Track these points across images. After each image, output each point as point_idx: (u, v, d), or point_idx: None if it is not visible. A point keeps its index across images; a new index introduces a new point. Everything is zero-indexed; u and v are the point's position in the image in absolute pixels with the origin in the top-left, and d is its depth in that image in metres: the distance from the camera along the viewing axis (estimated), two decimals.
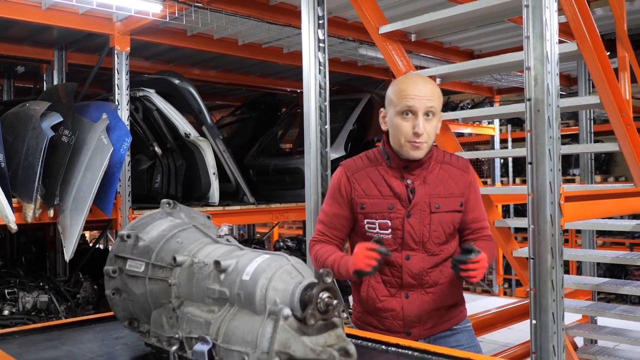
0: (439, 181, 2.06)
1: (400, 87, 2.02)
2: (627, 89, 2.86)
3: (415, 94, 1.98)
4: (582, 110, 5.09)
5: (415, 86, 2.00)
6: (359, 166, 2.13)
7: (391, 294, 2.08)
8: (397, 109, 2.00)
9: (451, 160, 2.12)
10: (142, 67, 5.76)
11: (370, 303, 2.11)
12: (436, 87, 2.06)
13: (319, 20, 2.91)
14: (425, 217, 2.03)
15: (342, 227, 2.15)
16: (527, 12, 2.10)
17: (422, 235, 2.03)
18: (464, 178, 2.10)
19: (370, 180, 2.09)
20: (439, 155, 2.12)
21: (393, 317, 2.08)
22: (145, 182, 4.82)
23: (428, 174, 2.07)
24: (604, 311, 3.96)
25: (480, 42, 5.61)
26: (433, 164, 2.09)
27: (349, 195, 2.11)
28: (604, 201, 2.47)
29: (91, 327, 2.10)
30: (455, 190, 2.07)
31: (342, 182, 2.12)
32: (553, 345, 2.05)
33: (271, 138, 6.52)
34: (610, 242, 10.00)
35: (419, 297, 2.06)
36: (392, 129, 2.05)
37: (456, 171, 2.10)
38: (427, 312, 2.06)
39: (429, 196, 2.04)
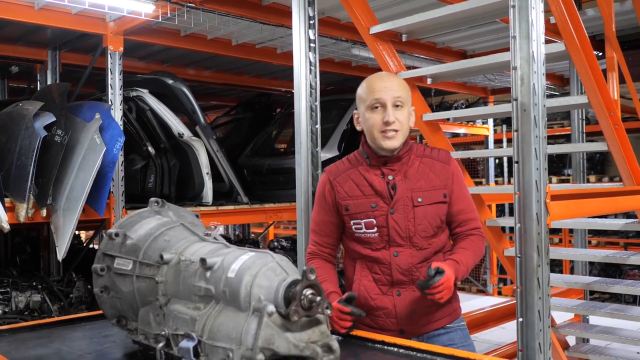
0: (420, 175, 2.09)
1: (367, 84, 2.11)
2: (616, 89, 2.88)
3: (381, 87, 2.06)
4: (574, 111, 5.12)
5: (380, 81, 2.09)
6: (340, 169, 2.18)
7: (383, 292, 2.10)
8: (367, 104, 2.08)
9: (432, 154, 2.15)
10: (136, 67, 5.77)
11: (362, 302, 2.12)
12: (402, 81, 2.15)
13: (310, 20, 2.92)
14: (408, 211, 2.05)
15: (332, 233, 2.20)
16: (513, 12, 2.12)
17: (408, 230, 2.05)
18: (446, 170, 2.12)
19: (352, 182, 2.13)
20: (419, 150, 2.15)
21: (386, 315, 2.10)
22: (139, 182, 4.83)
23: (408, 168, 2.09)
24: (594, 310, 3.98)
25: (473, 43, 5.63)
26: (413, 158, 2.11)
27: (333, 199, 2.16)
28: (590, 200, 2.49)
29: (80, 325, 2.11)
30: (437, 182, 2.09)
31: (326, 188, 2.18)
32: (539, 343, 2.07)
33: (265, 138, 6.53)
34: (605, 241, 10.03)
35: (410, 294, 2.07)
36: (365, 126, 2.12)
37: (437, 163, 2.12)
38: (419, 310, 2.08)
39: (411, 190, 2.06)
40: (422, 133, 3.30)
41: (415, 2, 4.20)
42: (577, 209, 2.39)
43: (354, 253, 2.16)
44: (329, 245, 2.21)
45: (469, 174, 10.05)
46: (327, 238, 2.21)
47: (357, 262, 2.15)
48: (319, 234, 2.22)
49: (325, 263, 2.21)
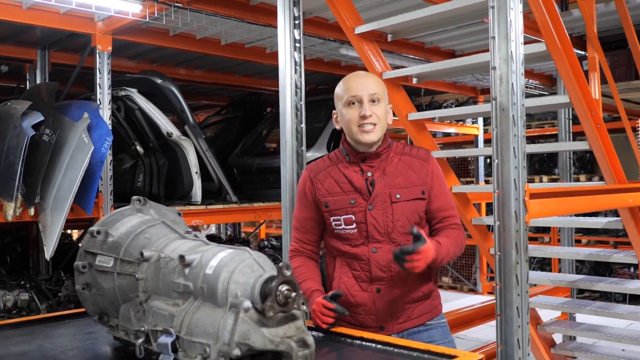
0: (398, 172, 2.12)
1: (343, 83, 2.16)
2: (597, 88, 2.91)
3: (357, 85, 2.11)
4: (561, 111, 5.16)
5: (356, 78, 2.15)
6: (321, 167, 2.21)
7: (363, 288, 2.12)
8: (344, 101, 2.12)
9: (411, 152, 2.17)
10: (126, 67, 5.77)
11: (343, 299, 2.14)
12: (378, 79, 2.22)
13: (295, 20, 2.95)
14: (387, 207, 2.07)
15: (313, 229, 2.23)
16: (492, 13, 2.15)
17: (386, 226, 2.07)
18: (425, 167, 2.14)
19: (332, 179, 2.16)
20: (398, 148, 2.18)
21: (365, 312, 2.12)
22: (128, 181, 4.84)
23: (387, 165, 2.12)
24: (580, 307, 4.02)
25: (462, 43, 5.66)
26: (392, 155, 2.14)
27: (313, 196, 2.19)
28: (569, 198, 2.52)
29: (64, 323, 2.13)
30: (415, 180, 2.11)
31: (307, 185, 2.21)
32: (517, 339, 2.10)
33: (255, 137, 6.54)
34: (595, 240, 10.11)
35: (390, 291, 2.09)
36: (343, 122, 2.15)
37: (416, 161, 2.15)
38: (398, 307, 2.10)
39: (389, 187, 2.09)
40: (408, 132, 3.32)
41: (402, 2, 4.22)
42: (556, 207, 2.42)
43: (334, 250, 2.19)
44: (311, 242, 2.24)
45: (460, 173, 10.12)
46: (309, 235, 2.23)
47: (337, 259, 2.18)
48: (301, 231, 2.25)
49: (308, 260, 2.23)
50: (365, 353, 1.74)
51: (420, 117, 3.22)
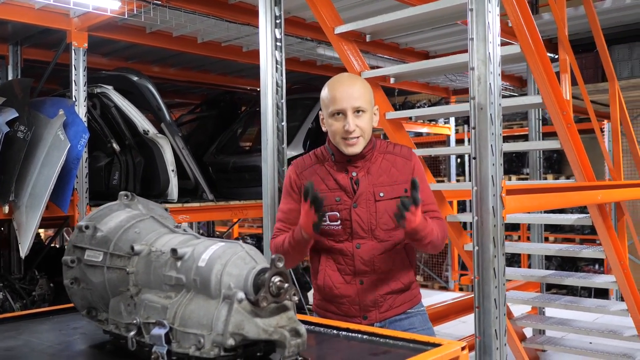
0: (382, 171, 2.17)
1: (329, 90, 2.16)
2: (568, 90, 3.02)
3: (341, 96, 2.10)
4: (531, 111, 5.30)
5: (341, 88, 2.13)
6: (307, 164, 2.27)
7: (346, 281, 2.19)
8: (329, 111, 2.14)
9: (394, 150, 2.23)
10: (100, 64, 5.72)
11: (327, 291, 2.22)
12: (363, 85, 2.18)
13: (276, 19, 2.99)
14: (370, 206, 2.14)
15: (297, 220, 2.22)
16: (471, 15, 2.22)
17: (370, 223, 2.14)
18: (407, 165, 2.19)
19: (318, 177, 2.21)
20: (382, 146, 2.23)
21: (349, 302, 2.19)
22: (103, 179, 4.81)
23: (371, 165, 2.17)
24: (550, 302, 4.15)
25: (436, 44, 5.77)
26: (376, 154, 2.19)
27: (299, 190, 2.23)
28: (543, 195, 2.62)
29: (48, 319, 2.13)
30: (398, 178, 2.17)
31: (292, 179, 2.27)
32: (495, 330, 2.18)
33: (231, 136, 6.55)
34: (562, 237, 10.36)
35: (372, 282, 2.17)
36: (328, 130, 2.19)
37: (399, 159, 2.20)
38: (381, 297, 2.18)
39: (373, 186, 2.15)
40: (386, 131, 3.39)
41: (379, 3, 4.29)
42: (531, 203, 2.51)
43: (318, 245, 2.24)
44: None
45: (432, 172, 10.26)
46: (293, 225, 2.25)
47: (321, 254, 2.24)
48: (285, 222, 2.27)
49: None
50: (351, 344, 1.78)
51: (397, 116, 3.29)
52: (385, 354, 1.63)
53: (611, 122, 3.80)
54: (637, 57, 4.73)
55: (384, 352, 1.65)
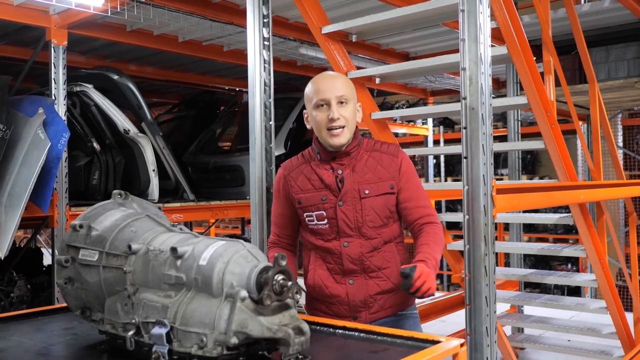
0: (368, 169, 2.18)
1: (313, 85, 2.21)
2: (552, 91, 3.07)
3: (325, 87, 2.16)
4: (510, 113, 5.37)
5: (324, 80, 2.19)
6: (294, 165, 2.29)
7: (336, 280, 2.20)
8: (312, 103, 2.17)
9: (381, 148, 2.24)
10: (77, 62, 5.62)
11: (317, 290, 2.23)
12: (346, 80, 2.24)
13: (264, 18, 2.98)
14: (356, 203, 2.15)
15: (288, 225, 2.32)
16: (462, 16, 2.24)
17: (356, 221, 2.15)
18: (394, 162, 2.20)
19: (304, 176, 2.23)
20: (369, 145, 2.24)
21: (339, 302, 2.20)
22: (83, 179, 4.74)
23: (357, 162, 2.19)
24: (530, 300, 4.21)
25: (416, 45, 5.81)
26: (362, 152, 2.20)
27: (287, 193, 2.27)
28: (531, 194, 2.66)
29: (37, 320, 2.09)
30: (384, 175, 2.18)
31: (281, 183, 2.30)
32: (486, 327, 2.20)
33: (210, 136, 6.51)
34: (536, 237, 10.54)
35: (362, 282, 2.18)
36: (313, 124, 2.21)
37: (385, 156, 2.21)
38: (371, 297, 2.18)
39: (358, 183, 2.16)
40: (371, 131, 3.41)
41: (363, 4, 4.32)
42: (519, 202, 2.55)
43: (309, 244, 2.27)
44: (287, 236, 2.34)
45: None
46: (285, 230, 2.33)
47: (312, 253, 2.26)
48: (278, 226, 2.34)
49: (284, 250, 2.31)
50: (348, 342, 1.79)
51: (383, 116, 3.31)
52: (385, 352, 1.64)
53: (591, 123, 3.88)
54: (614, 60, 4.84)
55: (383, 349, 1.66)
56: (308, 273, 2.27)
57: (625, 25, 4.77)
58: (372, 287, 2.18)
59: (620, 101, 5.90)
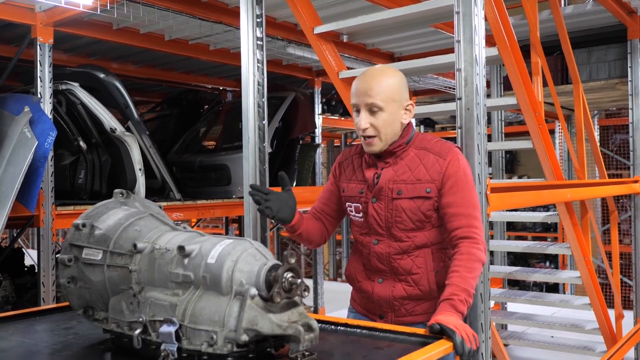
0: (408, 167, 2.06)
1: (354, 82, 2.10)
2: (540, 91, 3.13)
3: (358, 91, 2.05)
4: (495, 113, 5.45)
5: (359, 82, 2.06)
6: (350, 153, 2.27)
7: (367, 276, 2.18)
8: (351, 104, 2.10)
9: (432, 146, 2.08)
10: (60, 60, 5.56)
11: (351, 281, 2.27)
12: (383, 82, 2.03)
13: (257, 18, 2.99)
14: (388, 202, 2.07)
15: (329, 201, 2.30)
16: (458, 18, 2.28)
17: (387, 220, 2.08)
18: (439, 163, 2.03)
19: (353, 167, 2.22)
20: (422, 141, 2.10)
21: (367, 298, 2.19)
22: (68, 178, 4.69)
23: (401, 160, 2.08)
24: (515, 297, 4.28)
25: (401, 45, 5.86)
26: (410, 150, 2.08)
27: (337, 177, 2.28)
28: (523, 192, 2.71)
29: (36, 320, 2.08)
30: (424, 177, 2.04)
31: (336, 166, 2.29)
32: (481, 323, 2.24)
33: (194, 135, 6.49)
34: (515, 236, 10.70)
35: (391, 283, 2.11)
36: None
37: (431, 156, 2.05)
38: (396, 300, 2.11)
39: (393, 182, 2.06)
40: None
41: (353, 4, 4.35)
42: (511, 201, 2.60)
43: (353, 233, 2.27)
44: (322, 212, 2.31)
45: None
46: (324, 205, 2.31)
47: (355, 244, 2.26)
48: (320, 201, 2.33)
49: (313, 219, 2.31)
50: (351, 338, 1.81)
51: None
52: (389, 348, 1.67)
53: (575, 123, 3.96)
54: (595, 61, 4.93)
55: (387, 345, 1.69)
56: (348, 262, 2.28)
57: (607, 27, 4.87)
58: (399, 290, 2.10)
59: (600, 102, 6.02)
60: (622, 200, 7.94)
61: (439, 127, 11.60)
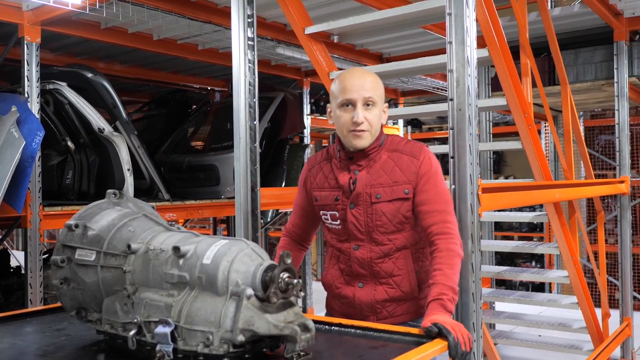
0: (384, 170, 2.07)
1: (339, 81, 2.09)
2: (529, 92, 3.16)
3: (352, 86, 2.04)
4: (483, 114, 5.48)
5: (352, 79, 2.06)
6: (317, 160, 2.25)
7: (346, 282, 2.17)
8: (338, 101, 2.07)
9: (404, 147, 2.10)
10: (46, 60, 5.52)
11: (328, 288, 2.25)
12: (375, 79, 2.10)
13: (248, 18, 2.98)
14: (367, 207, 2.07)
15: (302, 217, 2.32)
16: (450, 19, 2.29)
17: (367, 225, 2.08)
18: (413, 164, 2.06)
19: (323, 174, 2.19)
20: (392, 143, 2.12)
21: (348, 304, 2.18)
22: (56, 178, 4.65)
23: (374, 164, 2.09)
24: (503, 297, 4.31)
25: (389, 46, 5.88)
26: (382, 153, 2.10)
27: (307, 188, 2.25)
28: (512, 193, 2.73)
29: (26, 321, 2.06)
30: (400, 178, 2.06)
31: (304, 176, 2.27)
32: (473, 322, 2.26)
33: (183, 135, 6.46)
34: (501, 235, 10.77)
35: (372, 287, 2.12)
36: (335, 122, 2.12)
37: (405, 157, 2.07)
38: (378, 303, 2.11)
39: (370, 187, 2.07)
40: None
41: (341, 5, 4.35)
42: (501, 201, 2.62)
43: (328, 240, 2.25)
44: (299, 227, 2.34)
45: None
46: (299, 221, 2.33)
47: (329, 250, 2.24)
48: (295, 216, 2.34)
49: (291, 242, 2.34)
50: (345, 339, 1.82)
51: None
52: (384, 347, 1.68)
53: (563, 124, 4.00)
54: (582, 63, 4.98)
55: (382, 345, 1.70)
56: (324, 270, 2.27)
57: (594, 29, 4.92)
58: (381, 293, 2.11)
59: (586, 103, 6.08)
60: (607, 200, 8.02)
61: (426, 127, 11.65)
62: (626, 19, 4.74)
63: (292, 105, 6.00)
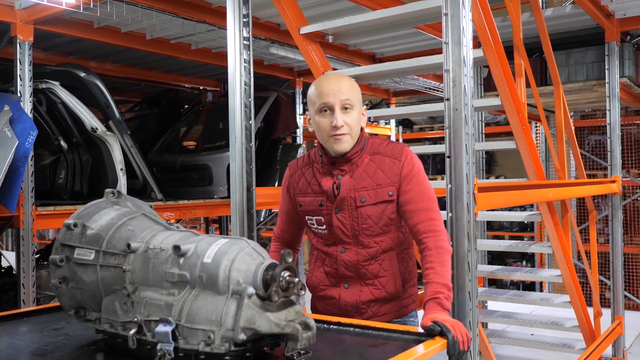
0: (367, 174, 2.08)
1: (316, 87, 2.10)
2: (523, 92, 3.18)
3: (329, 91, 2.05)
4: (476, 114, 5.51)
5: (328, 84, 2.07)
6: (299, 165, 2.25)
7: (332, 283, 2.18)
8: (316, 107, 2.08)
9: (385, 149, 2.11)
10: (38, 59, 5.48)
11: (313, 290, 2.25)
12: (351, 83, 2.11)
13: (244, 18, 2.98)
14: (352, 211, 2.07)
15: (289, 223, 2.32)
16: (446, 20, 2.30)
17: (353, 229, 2.09)
18: (395, 165, 2.07)
19: (305, 179, 2.19)
20: (373, 146, 2.13)
21: (332, 304, 2.19)
22: (48, 178, 4.63)
23: (357, 168, 2.09)
24: (497, 296, 4.34)
25: (382, 47, 5.90)
26: (364, 156, 2.10)
27: (291, 194, 2.25)
28: (508, 192, 2.75)
29: (23, 320, 2.06)
30: (383, 180, 2.07)
31: (287, 181, 2.27)
32: (469, 320, 2.27)
33: (175, 135, 6.45)
34: (492, 235, 10.82)
35: (357, 288, 2.13)
36: (315, 128, 2.11)
37: (387, 160, 2.08)
38: (363, 304, 2.13)
39: (354, 191, 2.07)
40: None
41: (335, 5, 4.36)
42: (497, 200, 2.64)
43: (313, 244, 2.25)
44: (287, 232, 2.34)
45: None
46: (286, 226, 2.34)
47: (314, 252, 2.24)
48: (281, 221, 2.35)
49: (282, 247, 2.34)
50: (344, 337, 1.82)
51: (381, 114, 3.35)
52: (384, 346, 1.68)
53: (556, 124, 4.03)
54: (574, 64, 5.02)
55: (381, 343, 1.70)
56: (309, 272, 2.27)
57: (585, 29, 4.96)
58: (366, 294, 2.13)
59: (577, 103, 6.12)
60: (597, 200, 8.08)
61: (417, 127, 11.68)
62: (617, 19, 4.78)
63: (284, 105, 6.01)
